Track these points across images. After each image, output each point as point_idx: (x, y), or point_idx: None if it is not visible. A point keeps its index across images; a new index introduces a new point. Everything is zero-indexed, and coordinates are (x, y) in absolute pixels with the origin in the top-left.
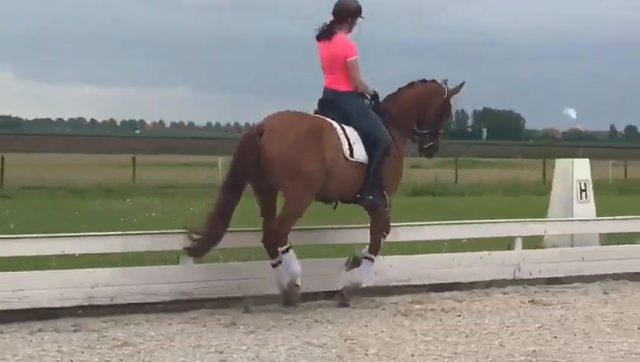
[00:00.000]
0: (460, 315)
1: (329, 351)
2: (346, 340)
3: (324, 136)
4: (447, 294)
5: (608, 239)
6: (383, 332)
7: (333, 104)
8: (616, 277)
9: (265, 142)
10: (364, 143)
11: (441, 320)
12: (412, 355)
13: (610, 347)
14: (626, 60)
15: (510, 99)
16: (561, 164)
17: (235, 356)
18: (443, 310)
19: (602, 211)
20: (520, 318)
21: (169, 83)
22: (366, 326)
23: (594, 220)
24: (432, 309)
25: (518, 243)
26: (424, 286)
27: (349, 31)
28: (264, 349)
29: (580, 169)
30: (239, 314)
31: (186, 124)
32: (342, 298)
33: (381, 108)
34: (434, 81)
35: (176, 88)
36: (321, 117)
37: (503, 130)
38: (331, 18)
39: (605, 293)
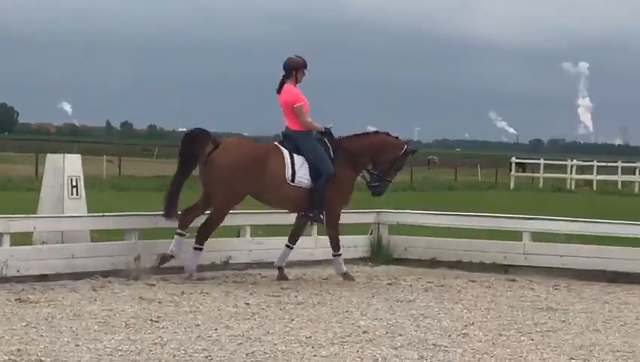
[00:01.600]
0: None
1: None
2: None
3: (268, 163)
4: None
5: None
6: None
7: (289, 139)
8: (105, 274)
9: (215, 155)
10: (311, 172)
11: None
12: None
13: (97, 344)
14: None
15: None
16: (51, 159)
17: None
18: None
19: (95, 207)
20: (6, 317)
21: None
22: None
23: (84, 217)
24: None
25: (6, 239)
26: None
27: (297, 81)
28: None
29: (72, 164)
30: None
31: None
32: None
33: (338, 144)
34: (398, 137)
35: None
36: (277, 146)
37: None
38: (283, 73)
39: (94, 290)
